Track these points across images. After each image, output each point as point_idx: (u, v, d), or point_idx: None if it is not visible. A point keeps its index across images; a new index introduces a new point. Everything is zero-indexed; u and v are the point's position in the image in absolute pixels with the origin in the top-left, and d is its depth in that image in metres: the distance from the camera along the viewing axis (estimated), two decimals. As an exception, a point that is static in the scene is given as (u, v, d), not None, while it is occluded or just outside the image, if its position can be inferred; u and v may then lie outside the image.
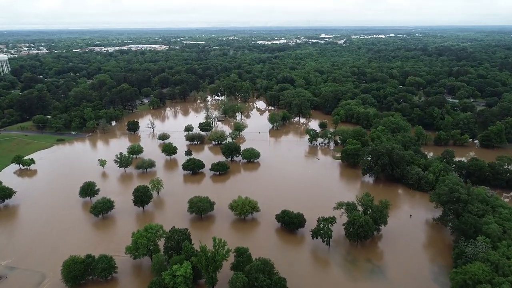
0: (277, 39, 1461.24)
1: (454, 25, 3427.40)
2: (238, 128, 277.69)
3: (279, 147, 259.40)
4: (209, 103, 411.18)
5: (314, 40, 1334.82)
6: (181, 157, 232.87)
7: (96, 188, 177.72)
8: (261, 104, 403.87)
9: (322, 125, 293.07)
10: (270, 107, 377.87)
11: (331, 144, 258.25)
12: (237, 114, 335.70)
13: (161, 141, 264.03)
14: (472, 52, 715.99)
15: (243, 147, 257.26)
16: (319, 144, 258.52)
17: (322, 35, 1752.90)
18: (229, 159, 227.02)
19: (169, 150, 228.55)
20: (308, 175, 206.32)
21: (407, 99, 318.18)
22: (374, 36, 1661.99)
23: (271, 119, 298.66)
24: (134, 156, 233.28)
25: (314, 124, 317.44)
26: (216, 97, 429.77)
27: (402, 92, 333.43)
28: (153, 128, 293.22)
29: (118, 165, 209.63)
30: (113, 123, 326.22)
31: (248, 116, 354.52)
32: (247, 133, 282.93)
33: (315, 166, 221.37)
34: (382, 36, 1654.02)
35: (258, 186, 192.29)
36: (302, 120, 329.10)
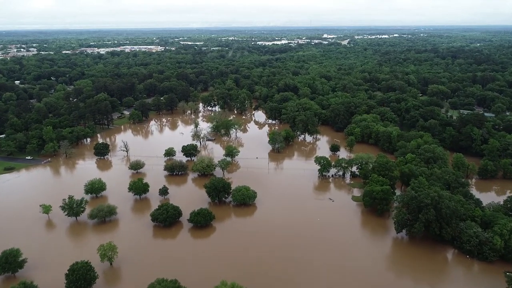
0: (278, 40, 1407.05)
1: (457, 25, 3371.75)
2: (231, 152, 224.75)
3: (281, 179, 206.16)
4: (200, 114, 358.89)
5: (316, 41, 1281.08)
6: (154, 197, 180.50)
7: (22, 258, 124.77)
8: (260, 115, 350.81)
9: (333, 148, 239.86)
10: (270, 121, 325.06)
11: (347, 175, 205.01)
12: (231, 130, 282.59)
13: (134, 171, 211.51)
14: (489, 54, 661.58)
15: (236, 176, 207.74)
16: (332, 175, 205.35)
17: (325, 35, 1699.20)
18: (216, 200, 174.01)
19: (138, 189, 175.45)
20: (320, 229, 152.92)
21: (434, 114, 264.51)
22: (378, 36, 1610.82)
23: (272, 140, 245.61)
24: (95, 195, 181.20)
25: (323, 144, 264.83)
26: (209, 108, 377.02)
27: (429, 106, 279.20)
28: (127, 152, 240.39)
29: (65, 213, 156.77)
30: (88, 140, 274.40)
31: (245, 131, 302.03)
32: (242, 159, 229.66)
33: (329, 211, 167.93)
34: (386, 36, 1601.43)
35: (251, 250, 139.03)
36: (309, 139, 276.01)
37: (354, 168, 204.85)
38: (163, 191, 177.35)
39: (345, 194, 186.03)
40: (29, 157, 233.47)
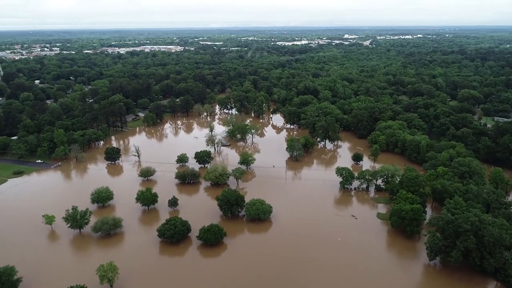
0: (298, 40, 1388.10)
1: (484, 25, 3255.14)
2: (246, 160, 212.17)
3: (299, 190, 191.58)
4: (216, 117, 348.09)
5: (337, 41, 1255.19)
6: (163, 208, 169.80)
7: (17, 277, 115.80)
8: (278, 118, 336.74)
9: (356, 157, 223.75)
10: (288, 125, 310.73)
11: (371, 188, 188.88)
12: (247, 135, 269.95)
13: (144, 179, 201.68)
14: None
15: (251, 186, 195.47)
16: (354, 188, 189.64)
17: (346, 36, 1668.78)
18: (229, 214, 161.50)
19: (145, 199, 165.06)
20: (341, 251, 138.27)
21: (467, 121, 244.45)
22: (401, 36, 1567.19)
23: (290, 147, 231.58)
24: (102, 204, 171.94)
25: (344, 152, 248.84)
26: (226, 110, 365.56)
27: (461, 113, 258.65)
28: (138, 157, 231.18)
29: (68, 225, 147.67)
30: (101, 143, 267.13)
31: (262, 135, 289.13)
32: (258, 167, 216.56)
33: (351, 230, 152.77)
34: (410, 36, 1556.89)
35: (264, 272, 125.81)
36: (329, 146, 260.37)
37: (379, 181, 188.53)
38: (173, 203, 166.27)
39: (369, 210, 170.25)
40: (39, 161, 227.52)
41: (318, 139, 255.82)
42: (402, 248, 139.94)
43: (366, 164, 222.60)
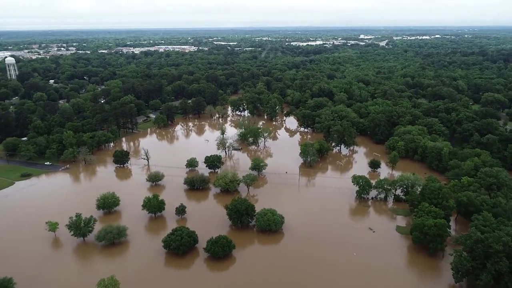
0: (312, 40, 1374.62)
1: (504, 25, 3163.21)
2: (257, 166, 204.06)
3: (313, 199, 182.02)
4: (228, 119, 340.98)
5: (353, 42, 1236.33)
6: (171, 215, 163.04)
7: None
8: (291, 121, 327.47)
9: (373, 164, 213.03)
10: (302, 128, 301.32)
11: (390, 198, 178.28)
12: (260, 139, 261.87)
13: (152, 183, 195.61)
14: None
15: (262, 193, 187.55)
16: (371, 198, 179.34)
17: (361, 36, 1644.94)
18: (238, 224, 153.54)
19: (152, 207, 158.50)
20: (357, 268, 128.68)
21: (492, 127, 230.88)
22: (418, 37, 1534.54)
23: (303, 152, 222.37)
24: (107, 210, 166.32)
25: (360, 157, 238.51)
26: (238, 112, 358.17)
27: (485, 118, 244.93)
28: (147, 160, 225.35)
29: (71, 233, 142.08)
30: (111, 144, 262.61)
31: (274, 138, 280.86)
32: (270, 173, 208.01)
33: (368, 244, 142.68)
34: (427, 37, 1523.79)
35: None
36: (344, 151, 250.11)
37: (398, 191, 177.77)
38: (180, 210, 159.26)
39: (387, 222, 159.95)
40: (48, 163, 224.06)
41: (333, 144, 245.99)
42: (424, 266, 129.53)
43: (384, 171, 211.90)
